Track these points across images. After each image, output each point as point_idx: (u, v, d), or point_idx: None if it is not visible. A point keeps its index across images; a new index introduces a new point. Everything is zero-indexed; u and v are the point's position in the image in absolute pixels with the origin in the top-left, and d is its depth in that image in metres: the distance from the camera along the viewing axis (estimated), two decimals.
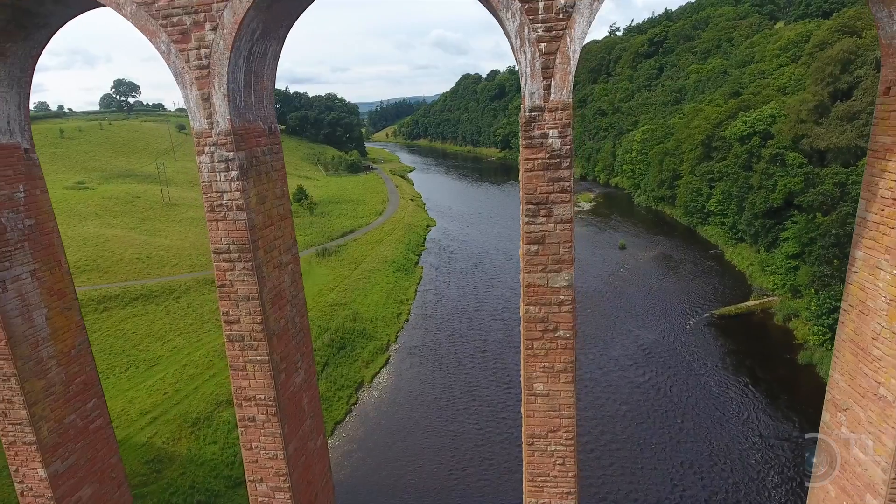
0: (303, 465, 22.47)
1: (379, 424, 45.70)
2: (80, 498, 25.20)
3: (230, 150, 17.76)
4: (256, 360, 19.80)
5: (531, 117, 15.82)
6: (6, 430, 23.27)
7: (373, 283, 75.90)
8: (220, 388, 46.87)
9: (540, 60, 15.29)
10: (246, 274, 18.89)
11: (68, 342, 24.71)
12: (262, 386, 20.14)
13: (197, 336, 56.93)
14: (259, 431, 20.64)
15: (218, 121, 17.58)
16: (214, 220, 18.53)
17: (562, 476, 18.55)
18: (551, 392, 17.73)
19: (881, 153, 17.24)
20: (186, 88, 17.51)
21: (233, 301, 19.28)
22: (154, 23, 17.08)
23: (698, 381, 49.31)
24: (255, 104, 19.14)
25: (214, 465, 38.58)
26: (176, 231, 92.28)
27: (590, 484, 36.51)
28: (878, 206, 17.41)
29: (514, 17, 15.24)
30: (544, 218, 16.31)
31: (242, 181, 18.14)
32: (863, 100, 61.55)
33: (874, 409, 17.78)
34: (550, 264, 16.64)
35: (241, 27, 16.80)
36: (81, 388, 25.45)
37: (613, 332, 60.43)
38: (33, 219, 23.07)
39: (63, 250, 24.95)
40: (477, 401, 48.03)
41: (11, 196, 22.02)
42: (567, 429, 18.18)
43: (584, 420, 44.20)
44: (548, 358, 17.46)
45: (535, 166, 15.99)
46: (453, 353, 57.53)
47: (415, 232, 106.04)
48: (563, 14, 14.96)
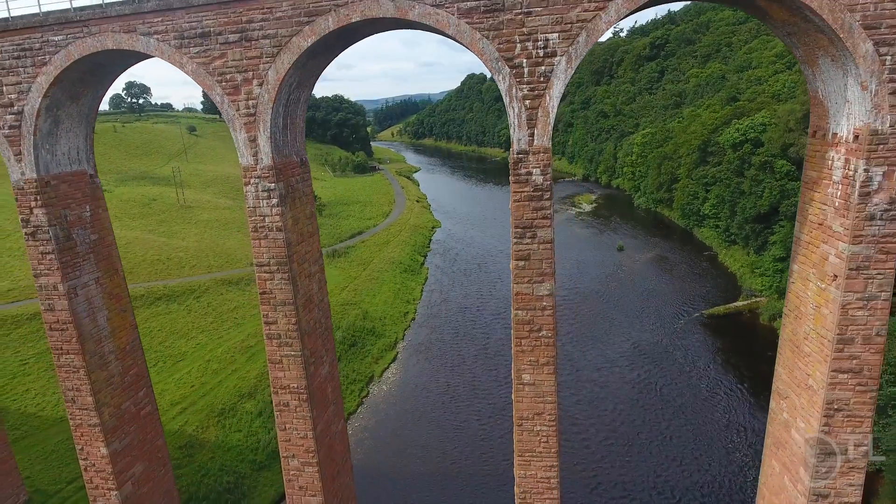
0: (327, 444, 26.31)
1: (388, 416, 49.52)
2: (133, 474, 29.15)
3: (271, 182, 21.56)
4: (291, 354, 23.62)
5: (518, 159, 19.54)
6: (74, 414, 27.24)
7: (381, 283, 79.72)
8: (242, 381, 50.84)
9: (525, 114, 19.00)
10: (283, 283, 22.70)
11: (124, 339, 28.65)
12: (295, 376, 23.97)
13: (218, 333, 60.91)
14: (292, 415, 24.45)
15: (262, 158, 21.39)
16: (258, 238, 22.34)
17: (546, 452, 22.30)
18: (536, 381, 21.47)
19: (809, 185, 20.92)
20: (236, 131, 21.31)
21: (272, 305, 23.10)
22: (210, 79, 20.88)
23: (687, 378, 52.82)
24: (290, 141, 22.94)
25: (240, 450, 42.53)
26: (192, 233, 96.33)
27: (581, 468, 40.19)
28: (808, 228, 21.08)
29: (505, 79, 18.97)
30: (529, 239, 20.02)
31: (281, 207, 21.95)
32: None
33: (805, 396, 21.48)
34: (535, 276, 20.35)
35: (283, 83, 20.59)
36: (134, 378, 29.41)
37: (609, 331, 63.98)
38: (97, 234, 27.02)
39: (119, 259, 28.92)
40: (478, 395, 51.74)
41: (80, 215, 25.97)
42: (550, 412, 21.93)
43: (579, 413, 47.89)
44: (533, 353, 21.19)
45: (522, 198, 19.71)
46: (457, 351, 61.25)
47: (420, 233, 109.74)
48: (543, 77, 18.67)
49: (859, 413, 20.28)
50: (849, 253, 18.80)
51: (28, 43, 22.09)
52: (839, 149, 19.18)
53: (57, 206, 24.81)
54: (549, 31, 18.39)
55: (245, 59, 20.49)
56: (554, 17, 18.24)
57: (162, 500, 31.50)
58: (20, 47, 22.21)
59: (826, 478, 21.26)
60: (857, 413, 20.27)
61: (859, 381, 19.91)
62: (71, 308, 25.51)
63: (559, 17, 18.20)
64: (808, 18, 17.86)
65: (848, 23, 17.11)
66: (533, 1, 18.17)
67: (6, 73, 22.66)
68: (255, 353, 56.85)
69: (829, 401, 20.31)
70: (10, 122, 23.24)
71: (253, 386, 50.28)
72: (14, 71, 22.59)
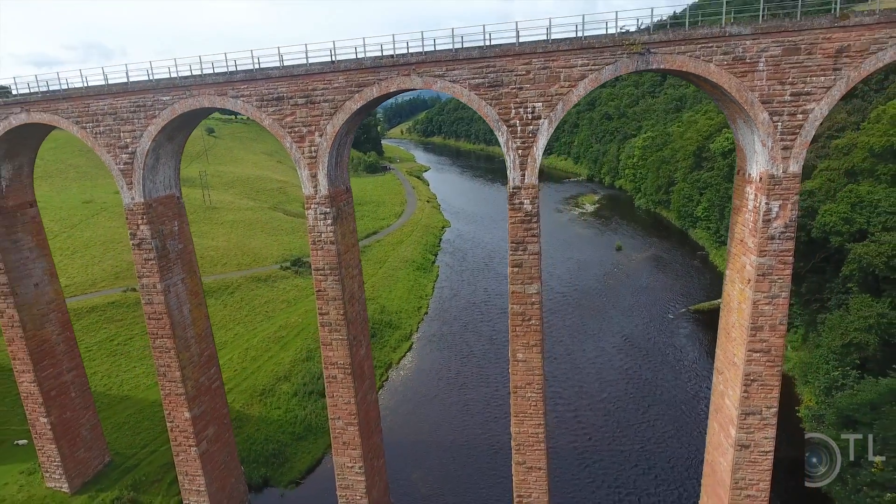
0: (364, 410, 33.36)
1: (405, 397, 56.52)
2: (207, 435, 36.41)
3: (327, 207, 28.56)
4: (339, 339, 30.63)
5: (514, 192, 26.38)
6: (164, 386, 34.53)
7: (396, 280, 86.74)
8: (278, 366, 58.07)
9: (518, 160, 25.85)
10: (334, 283, 29.71)
11: (201, 327, 35.88)
12: (341, 356, 31.00)
13: (252, 325, 68.22)
14: (339, 385, 31.51)
15: (320, 189, 28.37)
16: (316, 249, 29.36)
17: (535, 413, 29.20)
18: (527, 358, 28.35)
19: (735, 211, 27.75)
20: (301, 169, 28.30)
21: (325, 300, 30.12)
22: (283, 130, 27.88)
23: (671, 367, 59.34)
24: (340, 174, 29.93)
25: (280, 424, 49.73)
26: (220, 233, 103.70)
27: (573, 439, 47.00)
28: (734, 243, 27.88)
29: (503, 134, 25.82)
30: (521, 251, 26.89)
31: (333, 225, 28.95)
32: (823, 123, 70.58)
33: (732, 371, 28.29)
34: (526, 279, 27.20)
35: (337, 134, 27.57)
36: (207, 359, 36.66)
37: (604, 325, 70.57)
38: (182, 244, 34.23)
39: (196, 263, 36.07)
40: (484, 380, 58.56)
41: (171, 229, 33.20)
42: (538, 382, 28.80)
43: (572, 396, 54.65)
44: (525, 337, 28.07)
45: (516, 221, 26.58)
46: (466, 341, 68.13)
47: (431, 233, 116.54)
48: (531, 134, 25.52)
49: (769, 382, 26.99)
50: (757, 263, 25.48)
51: (142, 101, 29.17)
52: (752, 186, 25.85)
53: (156, 223, 31.96)
54: (535, 101, 25.17)
55: (309, 116, 27.43)
56: (539, 91, 25.00)
57: (226, 458, 38.79)
58: (136, 104, 29.30)
59: (748, 432, 27.96)
60: (768, 382, 26.98)
61: (768, 359, 26.61)
62: (165, 302, 32.68)
63: (543, 91, 24.96)
64: (725, 93, 24.48)
65: (750, 98, 23.75)
66: (524, 80, 24.95)
67: (124, 122, 29.78)
68: (287, 342, 64.13)
69: (747, 373, 27.04)
70: (125, 159, 30.38)
71: (287, 370, 57.52)
72: (130, 121, 29.69)
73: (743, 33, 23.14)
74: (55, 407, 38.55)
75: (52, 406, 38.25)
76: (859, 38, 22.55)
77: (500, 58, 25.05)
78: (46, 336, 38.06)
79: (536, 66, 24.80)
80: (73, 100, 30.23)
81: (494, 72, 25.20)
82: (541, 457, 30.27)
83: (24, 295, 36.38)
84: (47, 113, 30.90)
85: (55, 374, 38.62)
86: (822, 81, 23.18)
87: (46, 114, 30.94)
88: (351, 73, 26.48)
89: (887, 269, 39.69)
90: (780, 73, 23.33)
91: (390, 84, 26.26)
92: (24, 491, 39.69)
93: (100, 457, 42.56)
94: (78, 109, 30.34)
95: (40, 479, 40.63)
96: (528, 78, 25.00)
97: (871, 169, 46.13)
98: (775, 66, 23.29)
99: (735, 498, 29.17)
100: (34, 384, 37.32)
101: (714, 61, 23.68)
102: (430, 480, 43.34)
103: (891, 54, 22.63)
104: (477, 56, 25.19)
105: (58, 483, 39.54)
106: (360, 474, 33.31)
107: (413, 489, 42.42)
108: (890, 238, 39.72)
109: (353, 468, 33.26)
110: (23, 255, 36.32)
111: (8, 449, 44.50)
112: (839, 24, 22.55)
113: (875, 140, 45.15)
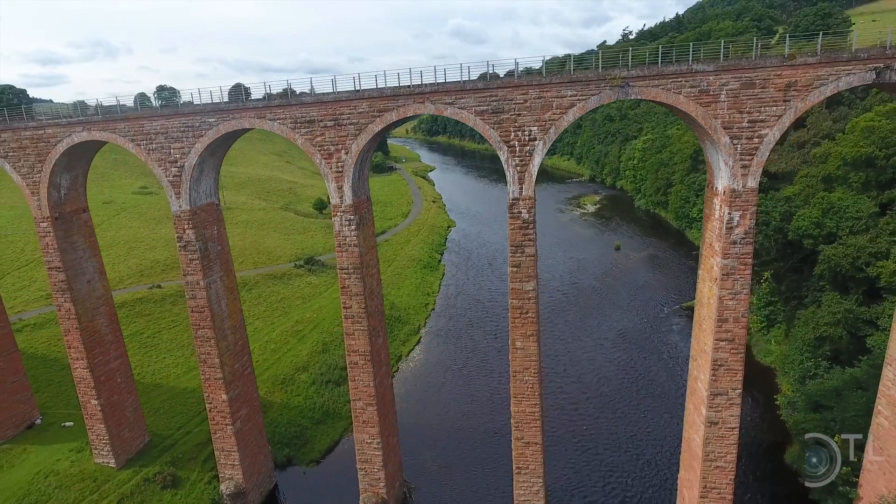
0: (381, 393, 37.77)
1: (415, 386, 60.91)
2: (240, 415, 40.91)
3: (351, 215, 32.95)
4: (360, 329, 35.03)
5: (513, 202, 30.68)
6: (205, 371, 39.04)
7: (404, 278, 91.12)
8: (297, 358, 62.60)
9: (517, 175, 30.13)
10: (357, 280, 34.11)
11: (235, 319, 40.36)
12: (362, 344, 35.39)
13: (270, 320, 72.76)
14: (360, 370, 35.92)
15: (346, 199, 32.76)
16: (341, 251, 33.75)
17: (531, 394, 33.54)
18: (525, 346, 32.68)
19: (705, 218, 32.04)
20: (329, 182, 32.68)
21: (349, 296, 34.52)
22: (314, 149, 32.28)
23: (662, 360, 63.50)
24: (362, 185, 34.31)
25: (301, 409, 54.27)
26: (235, 233, 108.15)
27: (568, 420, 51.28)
28: (705, 247, 32.13)
29: (504, 153, 30.11)
30: (520, 253, 31.19)
31: (357, 230, 33.34)
32: (810, 131, 74.52)
33: (703, 358, 32.57)
34: (524, 277, 31.51)
35: (360, 152, 31.94)
36: (241, 347, 41.16)
37: (601, 321, 74.76)
38: (220, 245, 38.70)
39: (232, 262, 40.48)
40: (487, 371, 62.89)
41: (211, 233, 37.67)
42: (534, 367, 33.13)
43: (568, 383, 58.90)
44: (523, 328, 32.39)
45: (515, 227, 30.89)
46: (470, 336, 72.47)
47: (437, 233, 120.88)
48: (528, 153, 29.81)
49: (734, 367, 31.20)
50: (722, 264, 29.67)
51: (191, 122, 33.60)
52: (718, 198, 30.03)
53: (199, 228, 36.40)
54: (532, 125, 29.44)
55: (337, 137, 31.78)
56: (535, 117, 29.27)
57: (257, 437, 43.31)
58: (185, 125, 33.74)
59: (716, 411, 32.17)
60: (732, 367, 31.19)
61: (733, 347, 30.82)
62: (207, 297, 37.15)
63: (538, 117, 29.23)
64: (693, 120, 28.67)
65: (714, 125, 27.95)
66: (522, 108, 29.23)
67: (174, 141, 34.23)
68: (304, 336, 68.66)
69: (714, 360, 31.25)
70: (174, 172, 34.84)
71: (306, 361, 62.07)
72: (179, 140, 34.13)
73: (707, 70, 27.33)
74: (104, 391, 43.14)
75: (101, 390, 42.84)
76: (804, 75, 26.71)
77: (501, 89, 29.34)
78: (97, 327, 42.64)
79: (532, 96, 29.07)
80: (130, 121, 34.70)
81: (497, 100, 29.49)
82: (537, 433, 34.60)
83: (78, 290, 40.96)
84: (106, 132, 35.39)
85: (104, 362, 43.21)
86: (774, 111, 27.34)
87: (105, 132, 35.43)
88: (373, 100, 30.81)
89: (853, 269, 43.74)
90: (738, 103, 27.50)
91: (407, 110, 30.59)
92: (75, 466, 44.30)
93: (141, 437, 47.15)
94: (133, 129, 34.81)
95: (89, 456, 45.23)
96: (525, 106, 29.27)
97: (845, 176, 50.11)
98: (735, 97, 27.46)
99: (706, 469, 33.43)
100: (87, 370, 41.90)
101: (683, 93, 27.89)
102: (439, 458, 47.80)
103: (831, 88, 26.78)
104: (482, 87, 29.49)
105: (105, 459, 44.13)
106: (378, 449, 37.75)
107: (423, 466, 46.86)
108: (855, 241, 43.75)
109: (371, 444, 37.71)
110: (77, 255, 40.88)
111: (56, 431, 49.16)
112: (787, 63, 26.71)
113: (847, 150, 49.09)
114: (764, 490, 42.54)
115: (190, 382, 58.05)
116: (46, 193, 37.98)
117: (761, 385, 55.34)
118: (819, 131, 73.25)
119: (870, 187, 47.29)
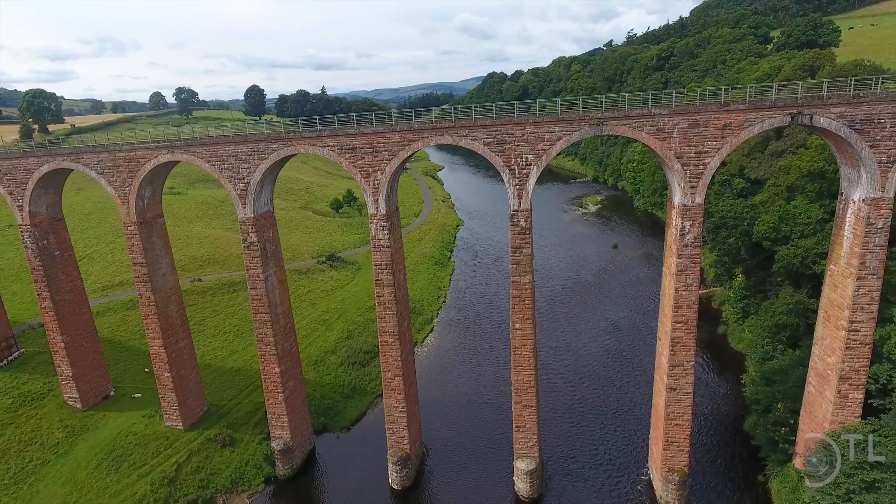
0: (406, 366, 46.29)
1: (430, 368, 69.41)
2: (289, 385, 49.61)
3: (384, 222, 41.44)
4: (391, 314, 43.53)
5: (513, 213, 39.04)
6: (261, 349, 47.73)
7: (417, 273, 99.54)
8: (326, 343, 71.27)
9: (516, 192, 38.49)
10: (388, 275, 42.59)
11: (285, 306, 48.97)
12: (392, 326, 43.89)
13: (299, 311, 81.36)
14: (389, 347, 44.44)
15: (380, 209, 41.23)
16: (376, 251, 42.25)
17: (528, 366, 41.94)
18: (522, 328, 41.07)
19: (667, 227, 40.11)
20: (367, 196, 41.15)
21: (381, 287, 43.03)
22: (356, 170, 40.76)
23: (647, 346, 71.52)
24: (393, 198, 42.77)
25: (332, 386, 62.95)
26: None
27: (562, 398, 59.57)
28: (667, 249, 40.29)
29: (506, 175, 38.46)
30: (519, 253, 39.56)
31: (389, 234, 41.81)
32: (787, 140, 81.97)
33: (665, 338, 40.91)
34: (522, 272, 39.88)
35: (393, 172, 40.38)
36: (289, 329, 49.82)
37: (596, 313, 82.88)
38: (275, 245, 47.29)
39: (282, 258, 49.03)
40: (493, 357, 71.26)
41: (269, 236, 46.21)
42: (530, 344, 41.51)
43: (563, 368, 67.13)
44: (521, 313, 40.76)
45: (515, 233, 39.26)
46: (478, 325, 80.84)
47: (447, 231, 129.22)
48: (525, 175, 38.15)
49: (688, 344, 39.39)
50: (677, 262, 37.83)
51: (257, 147, 42.13)
52: (674, 210, 38.18)
53: (260, 231, 44.94)
54: (528, 153, 37.72)
55: (374, 161, 40.20)
56: (530, 147, 37.55)
57: (300, 405, 52.00)
58: (252, 150, 42.27)
59: (675, 379, 40.38)
60: (686, 344, 39.38)
61: (686, 328, 39.01)
62: (265, 287, 45.73)
63: (533, 147, 37.50)
64: (653, 150, 36.80)
65: (669, 155, 36.10)
66: (520, 140, 37.52)
67: (242, 162, 42.77)
68: (331, 324, 77.31)
69: (672, 338, 39.44)
70: (241, 187, 43.40)
71: (334, 346, 70.74)
72: (247, 161, 42.68)
73: (662, 113, 35.46)
74: (174, 366, 51.92)
75: (172, 364, 51.61)
76: (737, 118, 34.79)
77: (504, 125, 37.62)
78: (169, 313, 51.41)
79: (528, 131, 37.33)
80: (207, 146, 43.26)
81: (501, 134, 37.79)
82: (532, 398, 42.98)
83: (156, 282, 49.68)
84: (187, 154, 43.99)
85: (175, 342, 51.99)
86: (714, 144, 35.44)
87: (186, 154, 44.04)
88: (404, 133, 39.19)
89: (803, 267, 51.63)
90: (687, 138, 35.62)
91: (430, 140, 38.97)
92: (149, 428, 53.17)
93: (201, 405, 55.96)
94: (209, 152, 43.37)
95: (159, 420, 54.09)
96: (523, 138, 37.54)
97: (804, 187, 57.87)
98: (684, 134, 35.58)
99: (668, 426, 41.67)
100: (162, 348, 50.68)
101: (645, 130, 36.05)
102: (451, 426, 56.30)
103: (758, 128, 34.86)
104: (489, 124, 37.80)
105: (174, 422, 52.96)
106: (403, 412, 46.29)
107: (438, 432, 55.39)
108: (804, 243, 51.61)
109: (398, 407, 46.25)
110: (156, 252, 49.60)
111: (128, 401, 58.08)
112: (724, 108, 34.79)
113: (804, 164, 56.82)
114: (723, 451, 50.68)
115: (235, 363, 66.97)
116: (134, 203, 46.66)
117: (732, 367, 63.43)
118: (795, 142, 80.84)
119: (822, 196, 55.02)
